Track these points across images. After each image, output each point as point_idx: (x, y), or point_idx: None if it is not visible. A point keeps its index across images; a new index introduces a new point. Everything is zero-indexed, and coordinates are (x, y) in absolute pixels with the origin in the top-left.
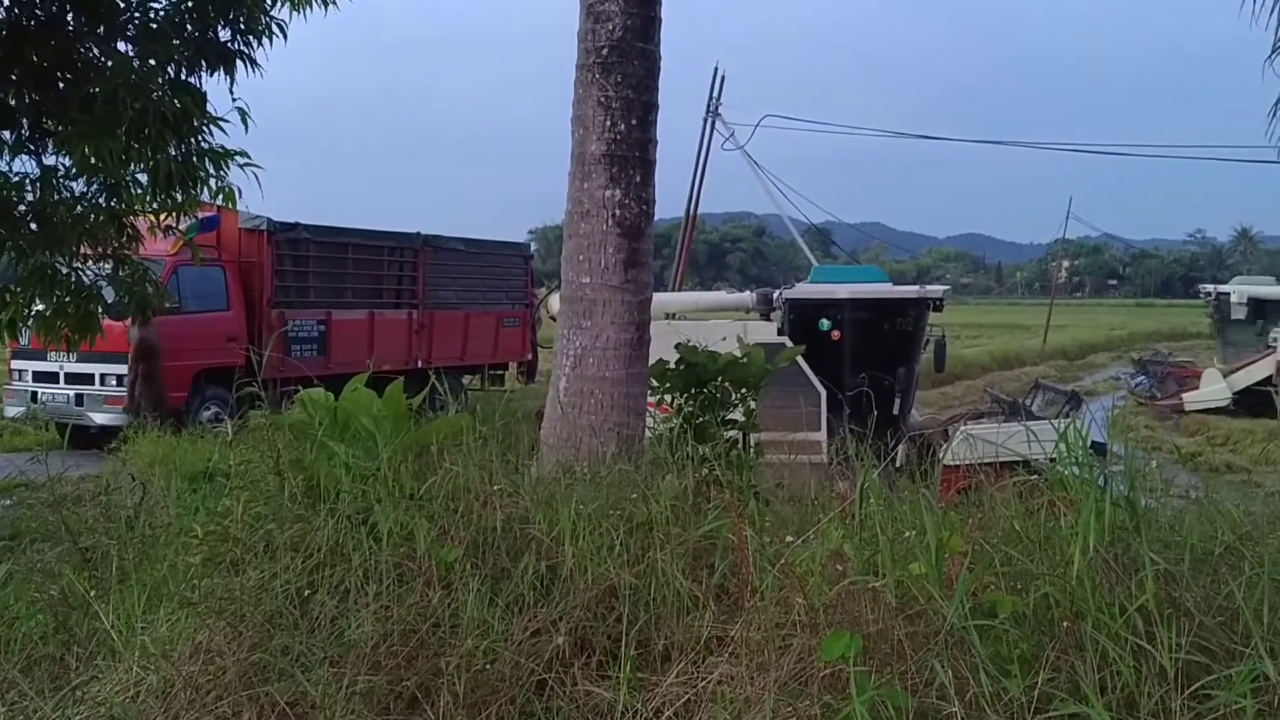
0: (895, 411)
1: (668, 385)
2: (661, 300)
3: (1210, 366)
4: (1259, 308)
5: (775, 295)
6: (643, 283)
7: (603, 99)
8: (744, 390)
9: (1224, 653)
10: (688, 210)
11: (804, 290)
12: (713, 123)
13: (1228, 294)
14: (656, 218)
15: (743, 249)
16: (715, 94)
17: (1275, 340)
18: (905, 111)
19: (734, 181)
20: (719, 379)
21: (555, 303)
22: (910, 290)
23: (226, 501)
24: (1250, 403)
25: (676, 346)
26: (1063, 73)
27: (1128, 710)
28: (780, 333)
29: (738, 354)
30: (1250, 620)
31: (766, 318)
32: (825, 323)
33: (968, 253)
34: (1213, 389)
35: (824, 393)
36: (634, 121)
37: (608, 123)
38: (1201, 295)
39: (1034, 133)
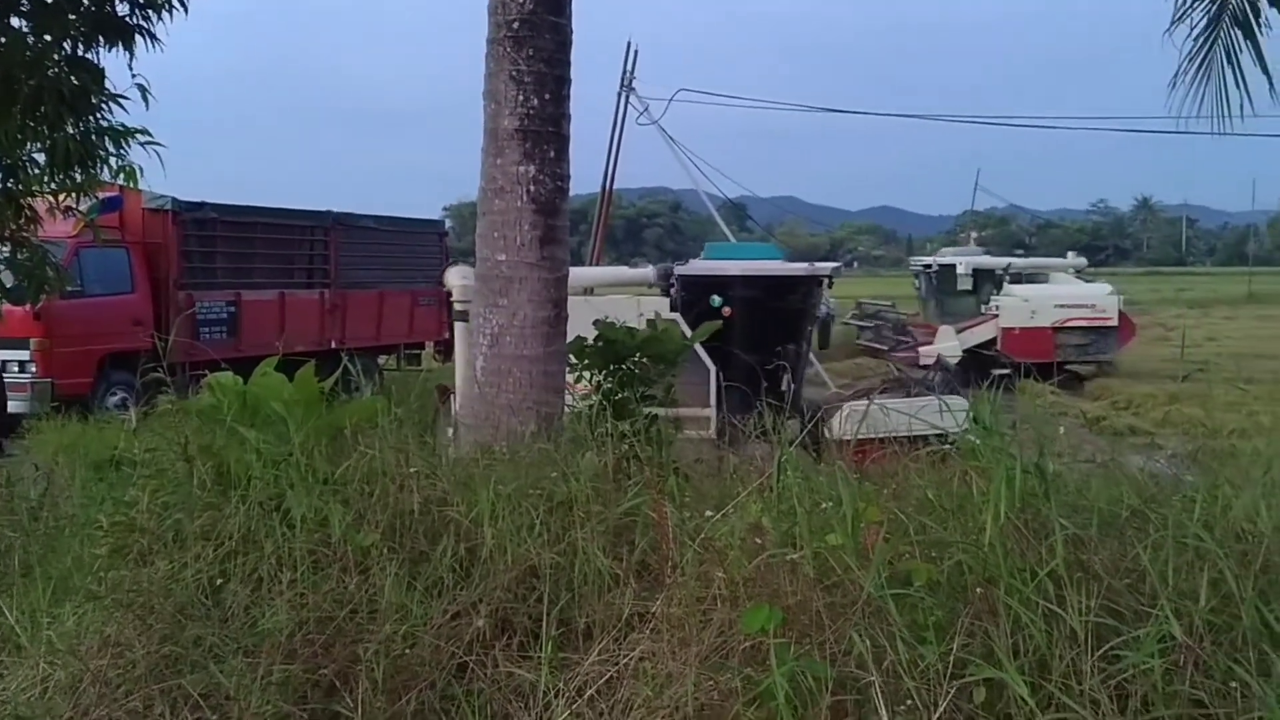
0: (784, 388)
1: (586, 362)
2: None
3: (945, 324)
4: (977, 277)
5: (670, 271)
6: (559, 260)
7: (514, 73)
8: (662, 366)
9: (1132, 614)
10: (604, 186)
11: (696, 267)
12: (627, 97)
13: (952, 265)
14: (572, 194)
15: (660, 224)
16: (629, 69)
17: (997, 307)
18: (819, 86)
19: (650, 157)
20: (637, 355)
21: (453, 276)
22: (799, 267)
23: (133, 491)
24: (969, 363)
25: (595, 323)
26: (971, 47)
27: (1040, 673)
28: (673, 309)
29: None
30: (1156, 582)
31: (667, 293)
32: (716, 299)
33: (880, 226)
34: (947, 345)
35: (713, 369)
36: (547, 96)
37: (520, 97)
38: (914, 266)
39: (943, 107)
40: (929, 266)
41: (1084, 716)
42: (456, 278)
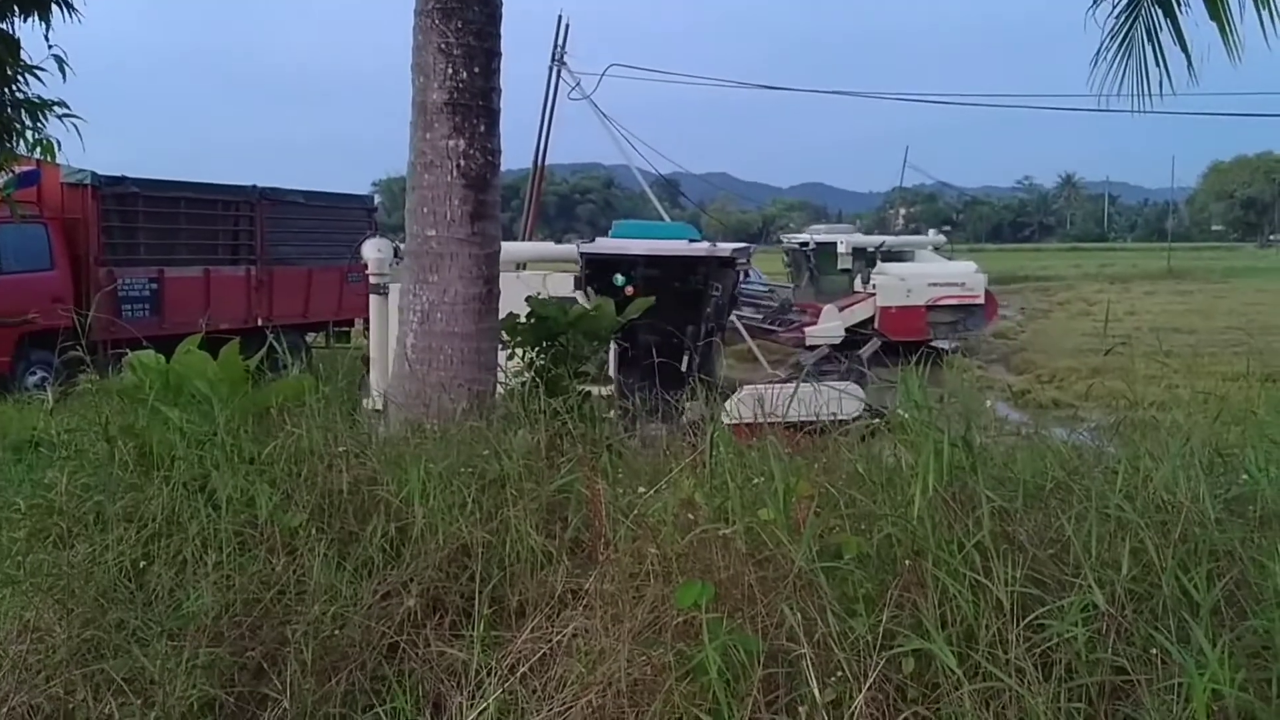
0: (685, 369)
1: (518, 339)
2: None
3: (829, 304)
4: (854, 255)
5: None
6: (490, 235)
7: (443, 45)
8: (595, 343)
9: (1056, 584)
10: (535, 161)
11: (601, 245)
12: (558, 72)
13: (832, 243)
14: (504, 169)
15: (592, 200)
16: (560, 42)
17: (874, 286)
18: (750, 62)
19: (582, 132)
20: (570, 332)
21: (369, 249)
22: (700, 248)
23: (51, 473)
24: (849, 341)
25: (527, 300)
26: (901, 25)
27: (967, 643)
28: (577, 286)
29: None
30: (1080, 552)
31: None
32: (620, 278)
33: (810, 202)
34: (830, 325)
35: (613, 348)
36: (476, 69)
37: (449, 70)
38: (787, 244)
39: (872, 84)
40: (805, 244)
41: (1010, 685)
42: (372, 250)
